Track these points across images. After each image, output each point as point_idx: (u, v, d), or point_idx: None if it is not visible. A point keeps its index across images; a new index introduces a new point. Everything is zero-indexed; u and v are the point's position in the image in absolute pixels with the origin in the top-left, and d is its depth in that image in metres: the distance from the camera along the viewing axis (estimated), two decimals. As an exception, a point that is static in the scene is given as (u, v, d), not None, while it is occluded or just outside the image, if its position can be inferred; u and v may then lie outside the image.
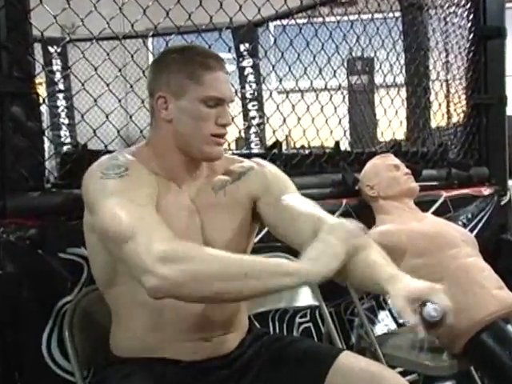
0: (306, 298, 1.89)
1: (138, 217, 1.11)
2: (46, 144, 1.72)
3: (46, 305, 1.57)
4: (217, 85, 1.24)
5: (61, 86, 5.77)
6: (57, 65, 5.79)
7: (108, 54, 1.83)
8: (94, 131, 1.78)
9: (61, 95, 5.88)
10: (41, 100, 1.62)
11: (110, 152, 1.72)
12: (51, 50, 5.48)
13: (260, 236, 1.77)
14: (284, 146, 2.86)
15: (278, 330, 2.09)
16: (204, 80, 1.23)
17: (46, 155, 1.66)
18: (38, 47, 4.66)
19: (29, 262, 1.55)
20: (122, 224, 1.10)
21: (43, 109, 1.86)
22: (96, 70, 1.79)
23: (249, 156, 1.86)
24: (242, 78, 5.41)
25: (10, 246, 1.50)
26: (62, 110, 5.79)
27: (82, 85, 1.78)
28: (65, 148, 5.18)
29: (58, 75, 5.77)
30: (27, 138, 1.57)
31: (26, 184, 1.58)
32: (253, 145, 5.09)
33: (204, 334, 1.30)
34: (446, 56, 3.02)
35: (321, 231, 1.18)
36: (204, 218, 1.31)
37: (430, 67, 3.05)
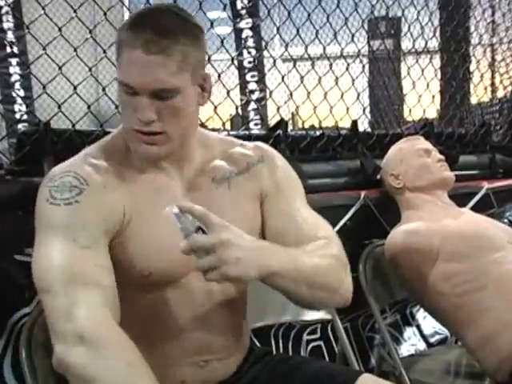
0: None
1: (70, 268, 1.13)
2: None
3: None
4: (129, 68, 1.19)
5: (14, 50, 5.75)
6: (8, 22, 5.74)
7: (75, 11, 1.83)
8: (59, 106, 1.79)
9: (14, 61, 5.86)
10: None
11: (77, 132, 1.75)
12: (0, 3, 5.45)
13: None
14: (290, 127, 2.87)
15: (281, 349, 2.11)
16: (121, 60, 1.21)
17: (-1, 135, 1.67)
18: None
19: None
20: (49, 274, 1.13)
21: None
22: (60, 30, 1.79)
23: (247, 138, 1.88)
24: (240, 43, 5.40)
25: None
26: (17, 80, 5.77)
27: (44, 48, 1.78)
28: (20, 126, 5.16)
29: (9, 35, 5.73)
30: (-24, 113, 1.58)
31: (-26, 170, 1.59)
32: (252, 124, 5.07)
33: (197, 359, 1.33)
34: (492, 14, 3.02)
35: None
36: None
37: (471, 29, 3.05)
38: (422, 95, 2.75)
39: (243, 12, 5.33)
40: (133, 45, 1.16)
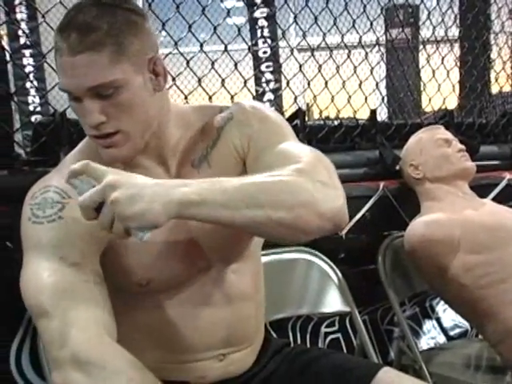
0: (333, 302, 1.91)
1: (60, 288, 1.10)
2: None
3: (15, 310, 1.59)
4: (62, 75, 1.14)
5: (27, 41, 5.76)
6: (21, 13, 5.75)
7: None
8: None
9: (27, 52, 5.88)
10: (7, 56, 1.63)
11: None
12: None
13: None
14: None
15: (299, 342, 2.11)
16: (57, 65, 1.15)
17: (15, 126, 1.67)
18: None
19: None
20: (38, 296, 1.10)
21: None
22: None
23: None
24: (255, 33, 5.39)
25: (-29, 237, 1.53)
26: (30, 72, 5.78)
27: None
28: (33, 118, 5.19)
29: (23, 26, 5.74)
30: (-8, 104, 1.59)
31: (-9, 161, 1.60)
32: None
33: (215, 353, 1.33)
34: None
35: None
36: None
37: (493, 16, 3.03)
38: (441, 84, 2.74)
39: (258, 1, 5.31)
40: (60, 50, 1.11)
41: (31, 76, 5.84)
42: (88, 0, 1.15)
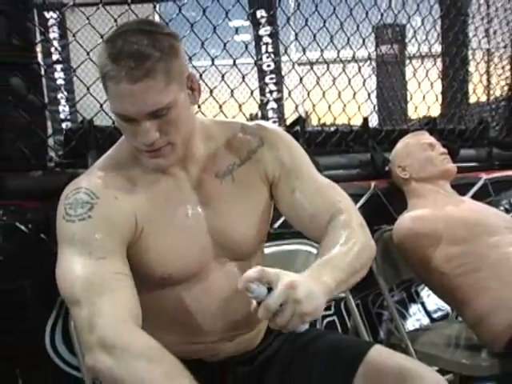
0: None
1: (89, 280, 1.11)
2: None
3: (49, 294, 1.58)
4: (118, 100, 1.12)
5: (59, 57, 5.78)
6: (53, 32, 5.74)
7: (115, 20, 1.83)
8: (101, 105, 1.79)
9: (59, 67, 5.90)
10: (42, 71, 1.63)
11: (117, 129, 1.75)
12: (47, 15, 5.46)
13: (281, 220, 1.79)
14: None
15: (299, 324, 2.11)
16: (108, 92, 1.14)
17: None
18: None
19: (31, 247, 1.57)
20: (72, 288, 1.12)
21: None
22: (102, 37, 1.79)
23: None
24: (260, 49, 5.38)
25: (10, 229, 1.53)
26: (61, 84, 5.80)
27: (88, 54, 1.79)
28: (64, 125, 5.20)
29: (55, 44, 5.76)
30: (29, 112, 1.58)
31: (28, 163, 1.60)
32: (271, 122, 5.08)
33: (225, 335, 1.33)
34: (489, 22, 2.99)
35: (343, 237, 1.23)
36: (209, 212, 1.27)
37: (470, 35, 3.03)
38: (425, 95, 2.73)
39: (262, 20, 5.30)
40: (117, 78, 1.09)
41: (62, 88, 5.86)
42: (128, 27, 1.14)
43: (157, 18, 4.06)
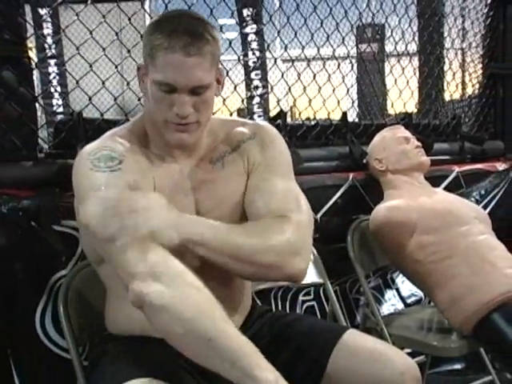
0: (309, 275, 1.90)
1: (126, 203, 1.12)
2: (38, 113, 1.72)
3: (39, 279, 1.59)
4: (169, 69, 1.15)
5: (52, 52, 5.73)
6: (47, 28, 5.69)
7: (104, 17, 1.81)
8: (90, 98, 1.78)
9: (52, 61, 5.84)
10: (33, 65, 1.61)
11: (106, 121, 1.75)
12: (41, 12, 5.41)
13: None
14: (288, 119, 2.85)
15: (280, 308, 2.11)
16: (158, 61, 1.16)
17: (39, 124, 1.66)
18: (26, 9, 4.61)
19: (22, 234, 1.56)
20: (111, 222, 1.10)
21: (34, 76, 1.86)
22: (91, 33, 1.78)
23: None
24: (245, 46, 5.36)
25: (2, 217, 1.52)
26: (54, 77, 5.75)
27: (77, 49, 1.78)
28: (56, 117, 5.15)
29: (49, 40, 5.71)
30: (19, 105, 1.57)
31: (19, 153, 1.59)
32: (255, 116, 5.07)
33: None
34: (462, 22, 2.99)
35: None
36: (199, 196, 1.29)
37: (445, 34, 3.03)
38: (402, 91, 2.74)
39: (248, 18, 5.28)
40: (173, 48, 1.14)
41: (55, 82, 5.81)
42: (180, 11, 1.27)
43: (146, 15, 4.02)
